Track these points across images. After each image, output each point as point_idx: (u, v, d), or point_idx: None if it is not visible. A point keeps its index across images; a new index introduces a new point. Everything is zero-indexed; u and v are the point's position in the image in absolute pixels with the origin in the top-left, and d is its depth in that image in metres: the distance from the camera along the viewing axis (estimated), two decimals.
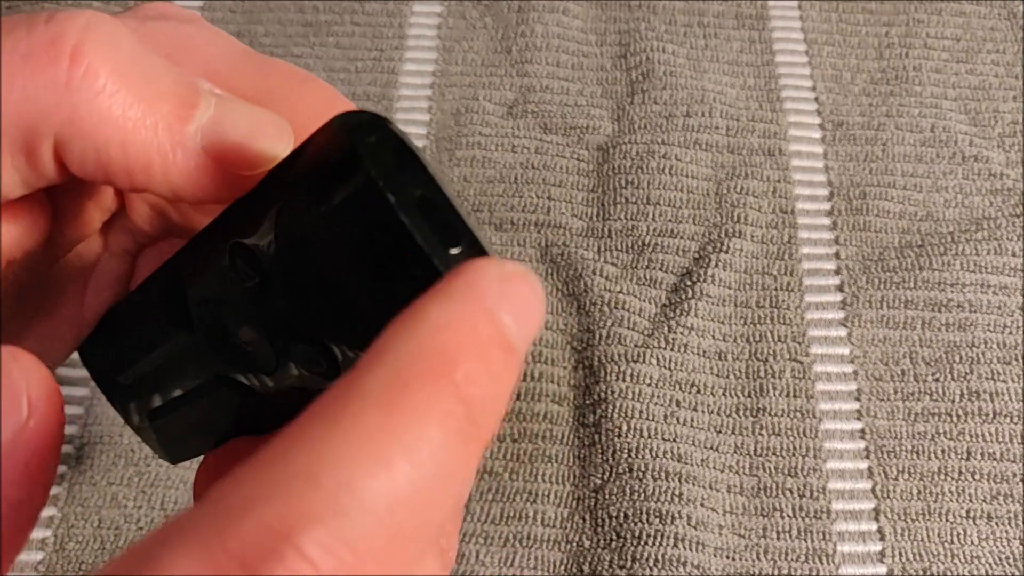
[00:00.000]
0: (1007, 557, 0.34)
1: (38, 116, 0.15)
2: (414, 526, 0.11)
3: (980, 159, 0.43)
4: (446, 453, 0.11)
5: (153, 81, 0.15)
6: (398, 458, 0.11)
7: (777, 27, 0.47)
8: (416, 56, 0.46)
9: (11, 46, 0.14)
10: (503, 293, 0.13)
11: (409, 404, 0.11)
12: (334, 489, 0.10)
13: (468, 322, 0.12)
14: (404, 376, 0.11)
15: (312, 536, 0.10)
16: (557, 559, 0.34)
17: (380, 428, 0.11)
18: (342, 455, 0.11)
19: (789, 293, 0.39)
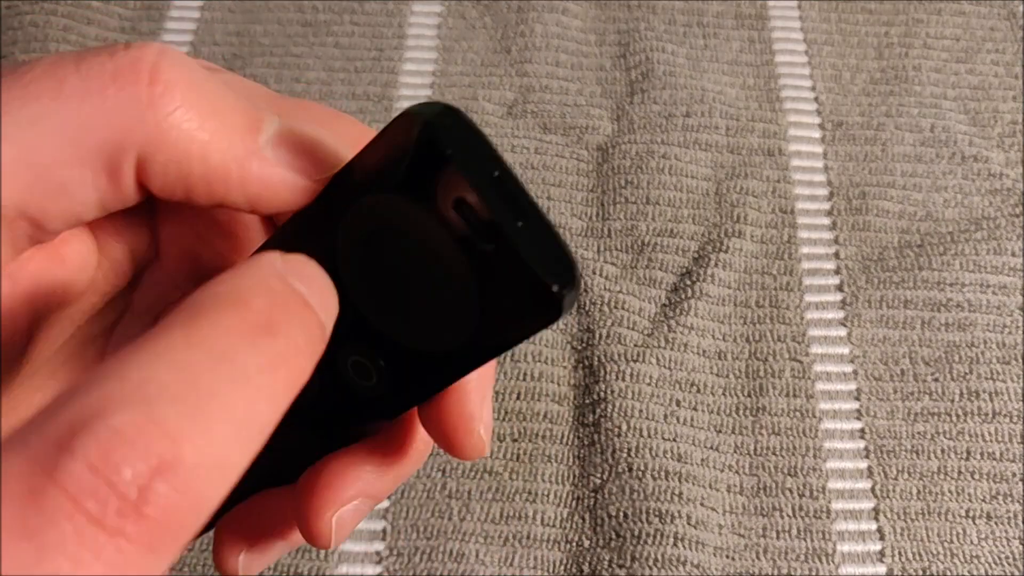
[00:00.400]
0: (1007, 557, 0.34)
1: (122, 133, 0.15)
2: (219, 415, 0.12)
3: (980, 159, 0.43)
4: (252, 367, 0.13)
5: (222, 98, 0.16)
6: (198, 359, 0.12)
7: (777, 27, 0.47)
8: (416, 56, 0.46)
9: (97, 68, 0.15)
10: (287, 266, 0.14)
11: (212, 322, 0.13)
12: (143, 381, 0.12)
13: (259, 276, 0.14)
14: (206, 306, 0.13)
15: (122, 415, 0.11)
16: (557, 558, 0.34)
17: (188, 340, 0.13)
18: (150, 358, 0.12)
19: (789, 293, 0.39)
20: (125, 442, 0.11)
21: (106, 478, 0.11)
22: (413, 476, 0.35)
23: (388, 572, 0.34)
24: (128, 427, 0.11)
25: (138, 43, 0.16)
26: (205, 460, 0.12)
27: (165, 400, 0.12)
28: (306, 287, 0.14)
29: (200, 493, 0.12)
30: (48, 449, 0.11)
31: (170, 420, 0.11)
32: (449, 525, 0.34)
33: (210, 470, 0.12)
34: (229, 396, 0.12)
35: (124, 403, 0.11)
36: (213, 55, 0.46)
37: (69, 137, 0.15)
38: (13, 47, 0.45)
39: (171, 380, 0.12)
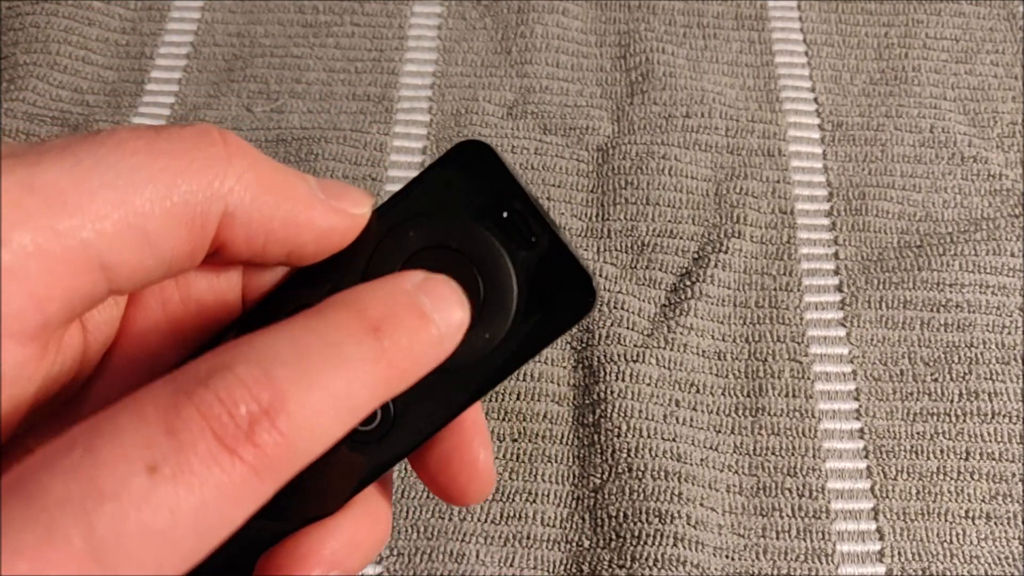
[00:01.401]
0: (1006, 557, 0.34)
1: (210, 189, 0.17)
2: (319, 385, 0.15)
3: (979, 160, 0.43)
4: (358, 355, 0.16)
5: (269, 159, 0.18)
6: (313, 341, 0.16)
7: (776, 28, 0.47)
8: (416, 56, 0.46)
9: (177, 132, 0.17)
10: (422, 285, 0.18)
11: (330, 319, 0.16)
12: (265, 349, 0.15)
13: (385, 290, 0.17)
14: (330, 308, 0.16)
15: (246, 368, 0.15)
16: (557, 559, 0.34)
17: (306, 326, 0.16)
18: (273, 334, 0.15)
19: (788, 293, 0.39)
20: (244, 387, 0.14)
21: (228, 409, 0.14)
22: (413, 476, 0.35)
23: (388, 572, 0.34)
24: (248, 377, 0.14)
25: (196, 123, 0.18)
26: (302, 415, 0.15)
27: (279, 363, 0.15)
28: (432, 302, 0.17)
29: (294, 441, 0.14)
30: (189, 382, 0.14)
31: (280, 378, 0.15)
32: (449, 525, 0.34)
33: (304, 425, 0.15)
34: (332, 373, 0.15)
35: (248, 360, 0.15)
36: (214, 56, 0.46)
37: (163, 190, 0.16)
38: (14, 48, 0.45)
39: (287, 351, 0.15)
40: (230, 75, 0.45)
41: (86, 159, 0.16)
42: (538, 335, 0.19)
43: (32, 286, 0.15)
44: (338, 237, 0.19)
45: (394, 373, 0.16)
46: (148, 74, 0.45)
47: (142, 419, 0.14)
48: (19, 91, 0.44)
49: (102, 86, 0.45)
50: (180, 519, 0.13)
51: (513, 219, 0.19)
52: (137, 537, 0.13)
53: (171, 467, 0.13)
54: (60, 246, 0.15)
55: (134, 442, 0.13)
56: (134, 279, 0.17)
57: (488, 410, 0.36)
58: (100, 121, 0.43)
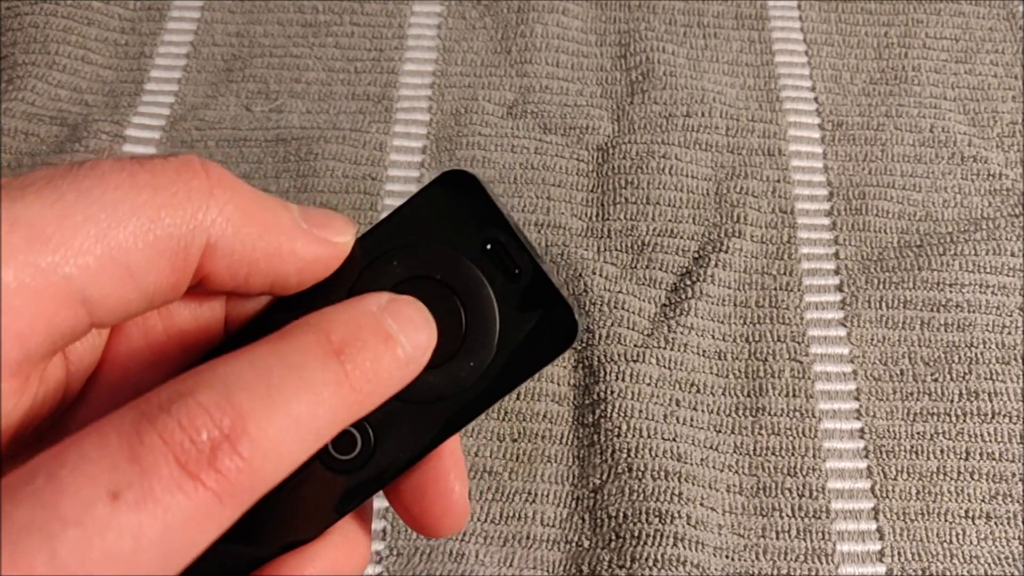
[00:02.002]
0: (1006, 557, 0.34)
1: (193, 221, 0.17)
2: (281, 408, 0.15)
3: (979, 159, 0.43)
4: (318, 377, 0.16)
5: (253, 189, 0.18)
6: (275, 364, 0.16)
7: (776, 27, 0.47)
8: (416, 56, 0.46)
9: (160, 165, 0.17)
10: (388, 307, 0.18)
11: (293, 342, 0.16)
12: (227, 374, 0.15)
13: (349, 313, 0.17)
14: (293, 331, 0.17)
15: (206, 394, 0.15)
16: (556, 559, 0.34)
17: (269, 350, 0.16)
18: (235, 359, 0.16)
19: (788, 293, 0.39)
20: (205, 412, 0.14)
21: (189, 435, 0.14)
22: None
23: (388, 572, 0.34)
24: (209, 402, 0.15)
25: (180, 154, 0.18)
26: (264, 439, 0.15)
27: (240, 387, 0.15)
28: (398, 324, 0.18)
29: (257, 465, 0.15)
30: (152, 408, 0.15)
31: (242, 403, 0.15)
32: None
33: (266, 449, 0.15)
34: (293, 396, 0.15)
35: (209, 385, 0.15)
36: (213, 56, 0.46)
37: (146, 224, 0.16)
38: (13, 48, 0.45)
39: (249, 376, 0.15)
40: (229, 75, 0.45)
41: (68, 193, 0.16)
42: (520, 367, 0.19)
43: (14, 322, 0.15)
44: (321, 266, 0.19)
45: (357, 396, 0.17)
46: (147, 74, 0.45)
47: (105, 445, 0.14)
48: (18, 91, 0.44)
49: (101, 86, 0.45)
50: (143, 544, 0.14)
51: (497, 250, 0.19)
52: (100, 563, 0.13)
53: (134, 493, 0.14)
54: (42, 282, 0.15)
55: (97, 468, 0.14)
56: (116, 312, 0.17)
57: (488, 410, 0.36)
58: (99, 121, 0.43)
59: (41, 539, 0.13)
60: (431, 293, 0.19)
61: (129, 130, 0.43)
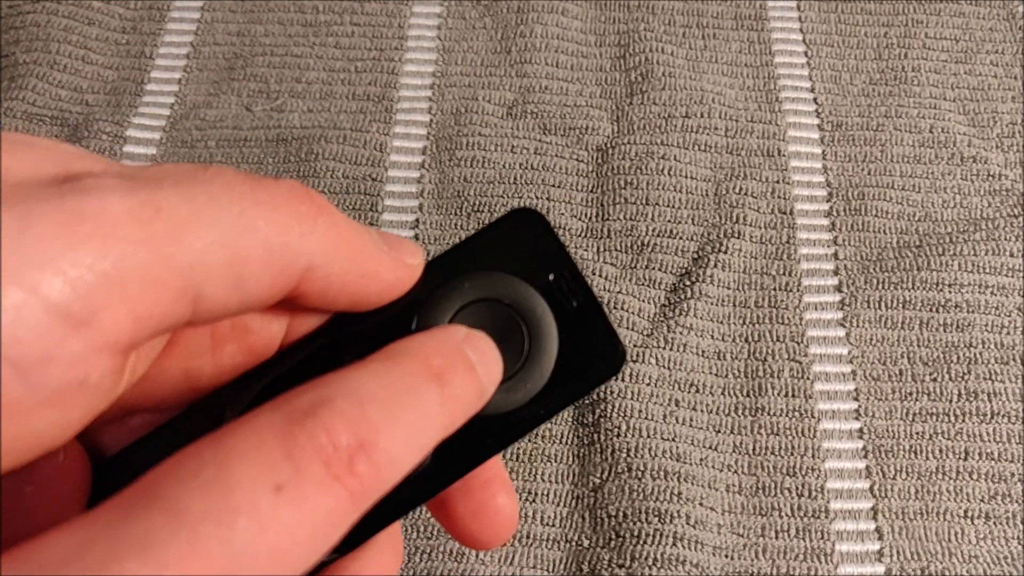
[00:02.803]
0: (1005, 556, 0.34)
1: (300, 242, 0.18)
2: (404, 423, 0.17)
3: (979, 160, 0.43)
4: (428, 399, 0.17)
5: (342, 215, 0.19)
6: (394, 383, 0.17)
7: (776, 28, 0.47)
8: (416, 56, 0.46)
9: (274, 186, 0.18)
10: (468, 340, 0.19)
11: (403, 365, 0.18)
12: (355, 387, 0.16)
13: (440, 341, 0.19)
14: (401, 354, 0.18)
15: (345, 402, 0.16)
16: (556, 558, 0.34)
17: (382, 368, 0.17)
18: (366, 374, 0.17)
19: (788, 293, 0.39)
20: (345, 421, 0.16)
21: (332, 440, 0.15)
22: None
23: None
24: (348, 412, 0.16)
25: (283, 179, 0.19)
26: (389, 450, 0.16)
27: (371, 401, 0.16)
28: (477, 356, 0.19)
29: (383, 473, 0.16)
30: (298, 412, 0.16)
31: (373, 415, 0.16)
32: None
33: (391, 459, 0.16)
34: (411, 413, 0.17)
35: (347, 396, 0.16)
36: (214, 55, 0.46)
37: (263, 239, 0.17)
38: (14, 47, 0.45)
39: (377, 391, 0.17)
40: (230, 74, 0.45)
41: (201, 195, 0.17)
42: (568, 392, 0.21)
43: (133, 304, 0.16)
44: (400, 288, 0.21)
45: (450, 418, 0.18)
46: (148, 74, 0.45)
47: (262, 443, 0.15)
48: (19, 90, 0.44)
49: (102, 85, 0.45)
50: (297, 540, 0.15)
51: (559, 283, 0.21)
52: (264, 553, 0.14)
53: (293, 490, 0.15)
54: (168, 272, 0.16)
55: (260, 464, 0.15)
56: (215, 314, 0.18)
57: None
58: (100, 120, 0.43)
59: (217, 528, 0.14)
60: (497, 315, 0.21)
61: (130, 130, 0.43)
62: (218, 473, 0.14)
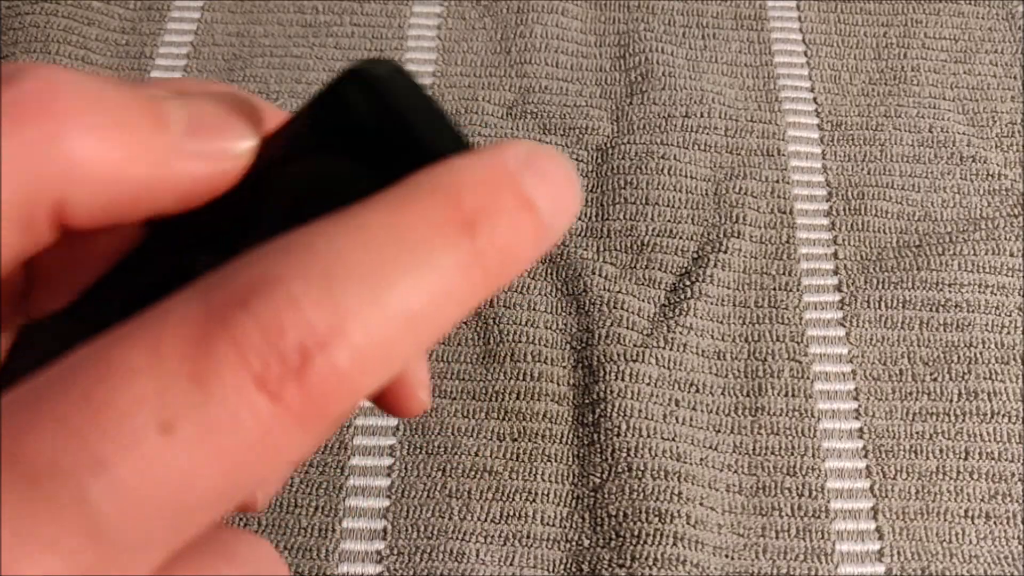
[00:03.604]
0: (1005, 556, 0.34)
1: (36, 181, 0.14)
2: (402, 312, 0.12)
3: (978, 159, 0.43)
4: (444, 260, 0.12)
5: (120, 104, 0.14)
6: (394, 249, 0.12)
7: (776, 28, 0.47)
8: (416, 56, 0.46)
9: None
10: (529, 162, 0.13)
11: (414, 210, 0.12)
12: (330, 258, 0.12)
13: (482, 168, 0.13)
14: (413, 193, 0.13)
15: (302, 285, 0.11)
16: (557, 558, 0.34)
17: (382, 222, 0.12)
18: (340, 234, 0.12)
19: (787, 293, 0.39)
20: (297, 310, 0.11)
21: (273, 340, 0.11)
22: (414, 476, 0.35)
23: (389, 571, 0.34)
24: (303, 296, 0.11)
25: (16, 69, 0.14)
26: (369, 345, 0.12)
27: (344, 276, 0.12)
28: (539, 184, 0.13)
29: (355, 376, 0.12)
30: (226, 301, 0.11)
31: (347, 296, 0.11)
32: (449, 524, 0.34)
33: (370, 356, 0.12)
34: (413, 286, 0.12)
35: (305, 272, 0.11)
36: (214, 56, 0.46)
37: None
38: (14, 48, 0.45)
39: (357, 259, 0.12)
40: (230, 75, 0.45)
41: None
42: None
43: None
44: (209, 190, 0.15)
45: (487, 281, 0.13)
46: (148, 74, 0.45)
47: (158, 357, 0.11)
48: None
49: None
50: (197, 487, 0.11)
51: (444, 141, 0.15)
52: (144, 513, 0.11)
53: (192, 427, 0.11)
54: None
55: (145, 391, 0.11)
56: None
57: (488, 410, 0.36)
58: None
59: (70, 488, 0.10)
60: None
61: None
62: (81, 404, 0.11)
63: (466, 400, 0.37)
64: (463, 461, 0.35)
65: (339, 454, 0.36)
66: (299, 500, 0.35)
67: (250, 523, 0.34)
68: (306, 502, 0.35)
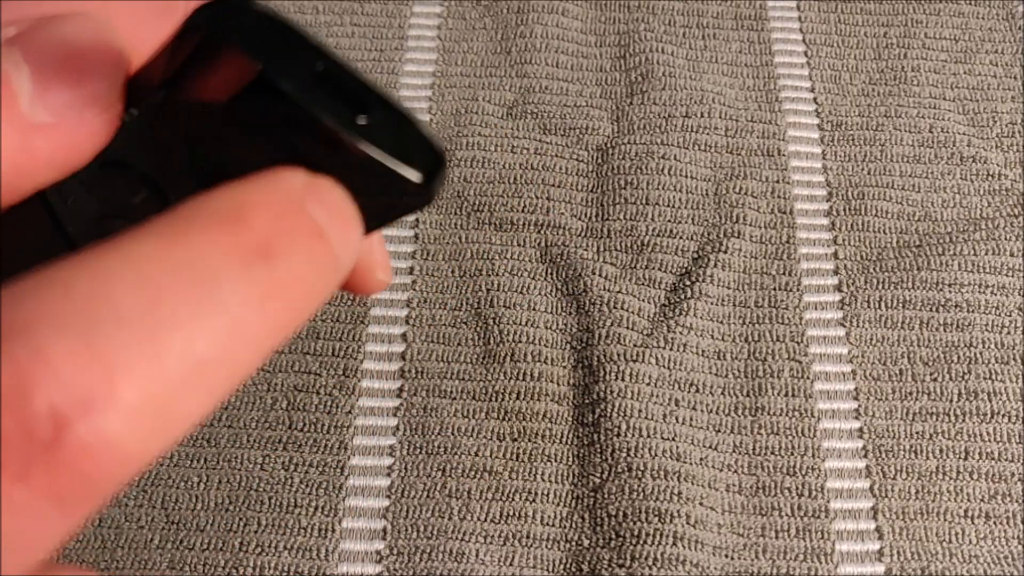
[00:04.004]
0: (1005, 556, 0.34)
1: None
2: (185, 360, 0.10)
3: (978, 159, 0.43)
4: (236, 298, 0.10)
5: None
6: (168, 279, 0.10)
7: (776, 28, 0.47)
8: (416, 57, 0.46)
9: None
10: (312, 191, 0.12)
11: (196, 236, 0.11)
12: (89, 298, 0.10)
13: (269, 190, 0.12)
14: (194, 216, 0.11)
15: (56, 337, 0.09)
16: (556, 558, 0.34)
17: (159, 253, 0.10)
18: (106, 270, 0.10)
19: (788, 293, 0.39)
20: (48, 368, 0.09)
21: (17, 410, 0.09)
22: (414, 476, 0.35)
23: (388, 571, 0.34)
24: (56, 348, 0.09)
25: None
26: (144, 403, 0.10)
27: (113, 323, 0.09)
28: (326, 215, 0.12)
29: (131, 442, 0.09)
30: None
31: (113, 349, 0.09)
32: (449, 524, 0.34)
33: (149, 416, 0.10)
34: (198, 328, 0.10)
35: (61, 320, 0.09)
36: None
37: None
38: None
39: (128, 299, 0.10)
40: None
41: None
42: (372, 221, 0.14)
43: None
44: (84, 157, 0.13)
45: (286, 316, 0.11)
46: None
47: None
48: None
49: None
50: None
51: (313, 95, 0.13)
52: None
53: None
54: None
55: None
56: None
57: (488, 410, 0.36)
58: None
59: None
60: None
61: None
62: None
63: (466, 400, 0.37)
64: (463, 461, 0.35)
65: (339, 454, 0.36)
66: (299, 500, 0.35)
67: (250, 523, 0.34)
68: (306, 502, 0.35)
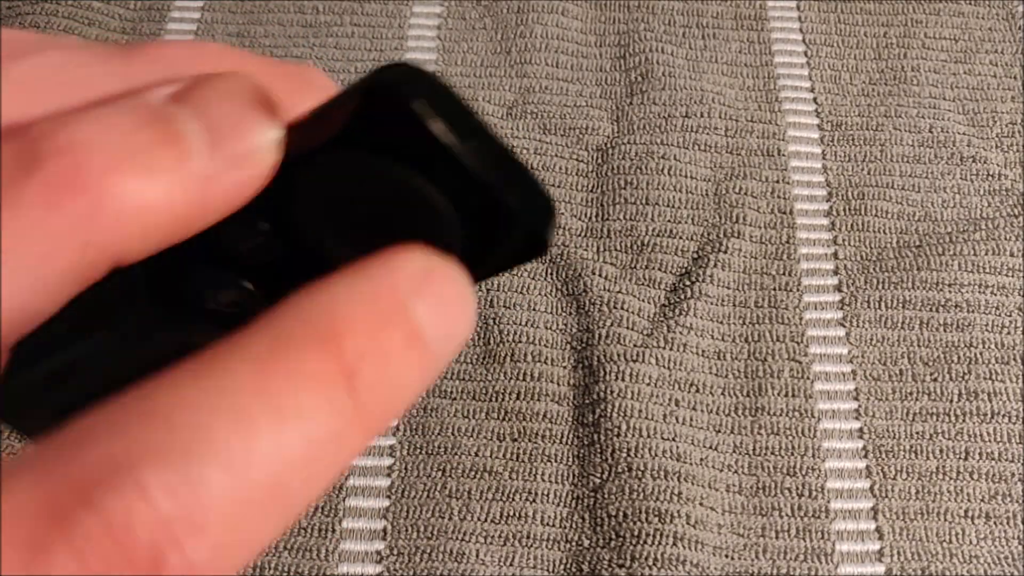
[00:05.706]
0: (1005, 556, 0.34)
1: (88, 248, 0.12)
2: (268, 489, 0.10)
3: (978, 159, 0.43)
4: (317, 425, 0.11)
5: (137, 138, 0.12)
6: (263, 417, 0.10)
7: (776, 28, 0.47)
8: (416, 56, 0.46)
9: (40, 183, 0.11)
10: (422, 285, 0.12)
11: (284, 365, 0.11)
12: (188, 431, 0.10)
13: (369, 298, 0.11)
14: (285, 337, 0.11)
15: (154, 471, 0.10)
16: (557, 558, 0.34)
17: (250, 384, 0.10)
18: (203, 402, 0.10)
19: (788, 293, 0.39)
20: (148, 501, 0.09)
21: (122, 544, 0.09)
22: (414, 476, 0.35)
23: (389, 571, 0.34)
24: (155, 483, 0.10)
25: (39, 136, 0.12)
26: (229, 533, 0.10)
27: (210, 456, 0.10)
28: (432, 315, 0.12)
29: (216, 563, 0.10)
30: (68, 492, 0.09)
31: (206, 484, 0.10)
32: (449, 524, 0.34)
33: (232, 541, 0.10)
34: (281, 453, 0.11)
35: (160, 451, 0.10)
36: None
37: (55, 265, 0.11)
38: None
39: (222, 433, 0.10)
40: None
41: None
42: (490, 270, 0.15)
43: None
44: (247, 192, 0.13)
45: (365, 432, 0.11)
46: None
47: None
48: None
49: None
50: None
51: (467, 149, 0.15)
52: None
53: None
54: None
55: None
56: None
57: (488, 410, 0.36)
58: None
59: None
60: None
61: None
62: None
63: (466, 400, 0.37)
64: (463, 461, 0.35)
65: None
66: None
67: None
68: None
